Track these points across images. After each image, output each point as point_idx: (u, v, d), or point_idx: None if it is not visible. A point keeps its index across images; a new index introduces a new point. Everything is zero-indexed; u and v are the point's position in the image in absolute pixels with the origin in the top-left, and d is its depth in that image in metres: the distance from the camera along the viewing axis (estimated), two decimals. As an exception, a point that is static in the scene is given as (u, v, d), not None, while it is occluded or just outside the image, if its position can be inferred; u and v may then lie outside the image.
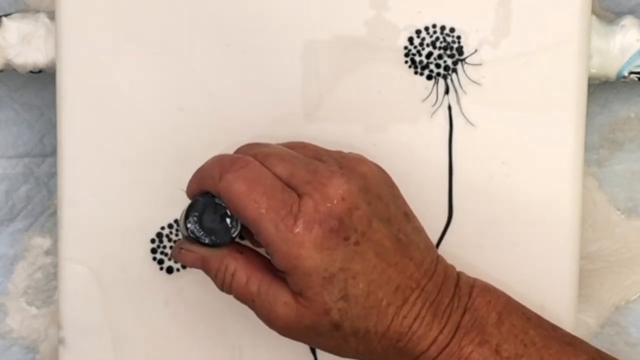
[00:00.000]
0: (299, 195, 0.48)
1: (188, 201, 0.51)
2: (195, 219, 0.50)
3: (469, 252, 0.57)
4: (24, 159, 0.62)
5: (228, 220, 0.50)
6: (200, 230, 0.50)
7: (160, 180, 0.56)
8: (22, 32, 0.57)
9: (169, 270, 0.57)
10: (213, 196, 0.50)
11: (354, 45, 0.55)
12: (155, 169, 0.56)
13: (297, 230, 0.48)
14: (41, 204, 0.63)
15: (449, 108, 0.56)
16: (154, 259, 0.57)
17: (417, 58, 0.55)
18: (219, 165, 0.49)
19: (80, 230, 0.56)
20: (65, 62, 0.55)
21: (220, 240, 0.50)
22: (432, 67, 0.56)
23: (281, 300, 0.49)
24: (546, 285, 0.57)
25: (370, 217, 0.49)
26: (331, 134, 0.56)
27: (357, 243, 0.48)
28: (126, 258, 0.56)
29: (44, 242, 0.63)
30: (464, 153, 0.56)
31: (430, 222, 0.56)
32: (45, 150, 0.62)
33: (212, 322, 0.57)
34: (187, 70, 0.55)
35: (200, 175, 0.51)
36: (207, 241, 0.50)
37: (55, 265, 0.62)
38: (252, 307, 0.50)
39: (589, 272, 0.63)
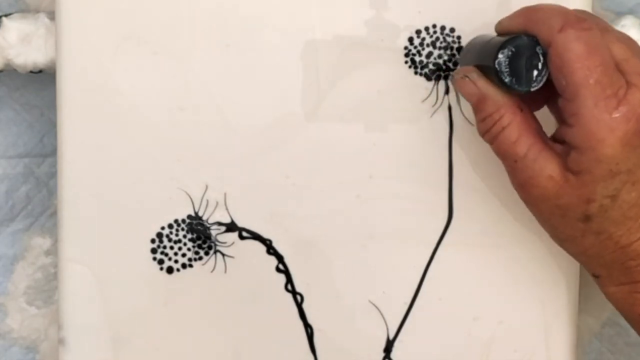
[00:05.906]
0: (627, 84, 0.47)
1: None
2: (509, 53, 0.47)
3: (469, 252, 0.57)
4: (24, 159, 0.62)
5: (535, 72, 0.47)
6: (507, 66, 0.47)
7: (160, 180, 0.56)
8: (22, 32, 0.57)
9: (169, 270, 0.57)
10: (536, 42, 0.47)
11: (354, 45, 0.55)
12: (155, 169, 0.56)
13: (616, 115, 0.46)
14: (41, 204, 0.63)
15: (449, 108, 0.56)
16: (154, 259, 0.57)
17: (417, 58, 0.55)
18: (563, 17, 0.47)
19: (80, 230, 0.56)
20: (65, 62, 0.55)
21: (519, 86, 0.47)
22: (432, 67, 0.56)
23: (547, 172, 0.48)
24: (546, 285, 0.57)
25: None
26: (331, 134, 0.56)
27: None
28: (126, 258, 0.56)
29: (44, 242, 0.63)
30: (464, 153, 0.56)
31: (430, 222, 0.56)
32: (45, 150, 0.62)
33: (212, 322, 0.57)
34: (187, 70, 0.55)
35: (533, 17, 0.48)
36: (506, 80, 0.47)
37: (55, 265, 0.62)
38: (511, 167, 0.49)
39: (589, 272, 0.63)
